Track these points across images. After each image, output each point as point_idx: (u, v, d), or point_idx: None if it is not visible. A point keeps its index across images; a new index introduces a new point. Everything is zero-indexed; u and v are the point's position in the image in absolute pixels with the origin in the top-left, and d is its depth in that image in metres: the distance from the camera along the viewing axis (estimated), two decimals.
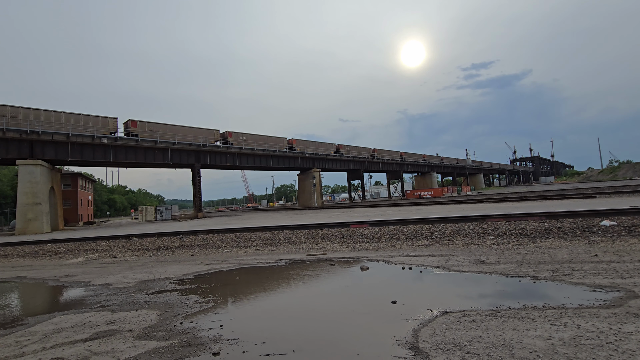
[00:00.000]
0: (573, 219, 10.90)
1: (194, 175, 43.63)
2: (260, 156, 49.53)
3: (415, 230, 11.36)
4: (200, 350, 3.32)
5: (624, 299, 3.86)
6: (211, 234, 16.07)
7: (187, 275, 7.28)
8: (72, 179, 53.71)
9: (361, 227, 13.98)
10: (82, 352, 3.49)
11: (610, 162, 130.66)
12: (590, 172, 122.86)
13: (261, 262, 8.27)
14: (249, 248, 10.92)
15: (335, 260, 7.83)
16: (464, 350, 2.90)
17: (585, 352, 2.70)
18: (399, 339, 3.27)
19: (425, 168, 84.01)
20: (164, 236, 16.93)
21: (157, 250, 12.01)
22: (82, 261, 10.91)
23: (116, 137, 35.58)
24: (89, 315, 4.77)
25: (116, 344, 3.62)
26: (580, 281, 4.70)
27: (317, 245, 10.41)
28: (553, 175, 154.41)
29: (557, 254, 6.54)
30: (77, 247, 14.78)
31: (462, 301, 4.29)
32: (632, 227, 8.60)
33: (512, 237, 8.95)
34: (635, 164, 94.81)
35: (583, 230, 8.80)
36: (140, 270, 8.20)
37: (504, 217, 12.49)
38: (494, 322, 3.48)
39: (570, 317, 3.46)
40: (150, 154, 39.08)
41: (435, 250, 8.07)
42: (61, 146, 32.92)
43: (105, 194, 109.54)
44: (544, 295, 4.31)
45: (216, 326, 3.99)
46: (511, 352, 2.79)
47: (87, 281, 7.43)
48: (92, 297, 5.90)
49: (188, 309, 4.76)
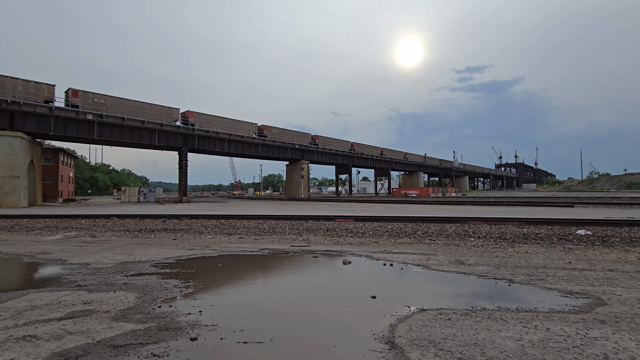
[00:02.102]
0: (551, 226, 11.24)
1: (181, 159, 42.93)
2: (249, 144, 49.01)
3: (399, 228, 11.52)
4: (178, 335, 3.31)
5: (593, 306, 4.02)
6: (195, 219, 15.92)
7: (168, 259, 7.21)
8: (54, 153, 52.09)
9: (346, 221, 14.08)
10: (56, 330, 3.43)
11: (590, 173, 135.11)
12: (571, 181, 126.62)
13: (244, 250, 8.25)
14: (232, 235, 10.87)
15: (318, 252, 7.88)
16: (437, 347, 2.98)
17: (552, 355, 2.81)
18: (376, 333, 3.33)
19: (413, 167, 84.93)
20: (147, 218, 16.67)
21: (138, 232, 11.83)
22: (60, 239, 10.66)
23: (102, 114, 34.52)
24: (65, 294, 4.68)
25: (92, 325, 3.58)
26: (552, 286, 4.87)
27: (301, 236, 10.45)
28: (535, 183, 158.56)
29: (533, 259, 6.75)
30: (56, 224, 14.42)
31: (440, 299, 4.40)
32: (605, 238, 8.94)
33: (491, 240, 9.18)
34: (613, 177, 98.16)
35: (559, 238, 9.10)
36: (120, 252, 8.07)
37: (485, 220, 12.79)
38: (468, 321, 3.58)
39: (540, 320, 3.59)
40: (136, 134, 38.18)
41: (417, 248, 8.21)
42: (43, 119, 31.78)
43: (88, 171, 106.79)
44: (518, 298, 4.45)
45: (195, 312, 3.98)
46: (483, 351, 2.88)
47: (64, 259, 7.27)
48: (69, 276, 5.79)
49: (167, 293, 4.73)
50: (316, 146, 58.13)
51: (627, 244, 8.28)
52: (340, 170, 69.34)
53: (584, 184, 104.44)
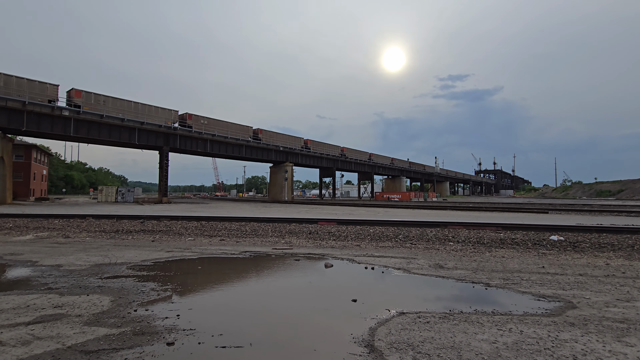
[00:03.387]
0: (526, 232, 11.62)
1: (162, 159, 41.99)
2: (233, 145, 48.47)
3: (381, 232, 11.63)
4: (154, 340, 3.22)
5: (563, 309, 4.18)
6: (175, 221, 15.57)
7: (145, 261, 7.02)
8: (26, 150, 49.97)
9: (329, 224, 14.11)
10: (23, 336, 3.27)
11: (564, 181, 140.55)
12: (546, 189, 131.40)
13: (225, 253, 8.13)
14: (213, 238, 10.70)
15: (300, 255, 7.85)
16: (416, 350, 3.03)
17: (524, 357, 2.90)
18: (355, 336, 3.35)
19: (396, 172, 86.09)
20: (124, 219, 16.19)
21: (115, 234, 11.47)
22: (31, 239, 10.20)
23: (79, 110, 33.37)
24: (34, 297, 4.48)
25: (62, 329, 3.43)
26: (527, 290, 5.03)
27: (283, 239, 10.39)
28: (512, 189, 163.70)
29: (509, 264, 6.95)
30: (26, 224, 13.80)
31: (419, 303, 4.47)
32: (576, 243, 9.32)
33: (470, 244, 9.40)
34: (585, 185, 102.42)
35: (534, 243, 9.41)
36: (95, 253, 7.80)
37: (464, 225, 13.09)
38: (446, 324, 3.65)
39: (515, 323, 3.70)
40: (115, 132, 37.12)
41: (398, 252, 8.32)
42: (15, 114, 30.44)
43: (63, 169, 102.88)
44: (494, 301, 4.57)
45: (173, 315, 3.89)
46: (459, 354, 2.94)
47: (34, 261, 6.96)
48: (39, 278, 5.54)
49: (144, 297, 4.60)
50: (301, 150, 58.17)
51: (596, 249, 8.65)
52: (325, 173, 69.51)
53: (558, 191, 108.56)
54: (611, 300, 4.54)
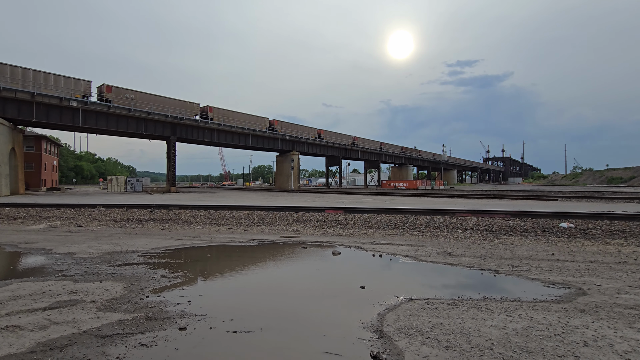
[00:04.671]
0: (535, 219, 11.51)
1: (169, 148, 42.22)
2: (239, 134, 48.49)
3: (388, 220, 11.63)
4: (167, 325, 3.29)
5: (574, 296, 4.15)
6: (184, 209, 15.75)
7: (156, 249, 7.13)
8: (36, 141, 50.63)
9: (336, 212, 14.14)
10: (40, 320, 3.37)
11: (574, 168, 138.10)
12: (555, 176, 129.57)
13: (233, 241, 8.22)
14: (222, 226, 10.81)
15: (308, 243, 7.90)
16: (425, 335, 3.04)
17: (534, 342, 2.90)
18: (364, 322, 3.37)
19: (403, 160, 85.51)
20: (134, 208, 16.42)
21: (125, 222, 11.66)
22: (44, 228, 10.42)
23: (87, 101, 33.54)
24: (50, 284, 4.60)
25: (77, 315, 3.52)
26: (536, 277, 5.00)
27: (291, 227, 10.45)
28: (521, 177, 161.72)
29: (518, 251, 6.91)
30: (39, 213, 14.08)
31: (427, 290, 4.48)
32: (587, 230, 9.21)
33: (478, 232, 9.36)
34: (596, 172, 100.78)
35: (543, 230, 9.33)
36: (106, 241, 7.94)
37: (472, 213, 13.01)
38: (455, 310, 3.66)
39: (524, 309, 3.69)
40: (123, 122, 37.31)
41: (405, 240, 8.31)
42: (25, 105, 30.73)
43: (72, 160, 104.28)
44: (503, 288, 4.56)
45: (184, 301, 3.95)
46: (468, 339, 2.95)
47: (48, 249, 7.12)
48: (54, 266, 5.67)
49: (155, 283, 4.68)
50: (307, 138, 58.08)
51: (608, 236, 8.55)
52: (331, 162, 69.37)
53: (567, 179, 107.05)
54: (622, 287, 4.49)
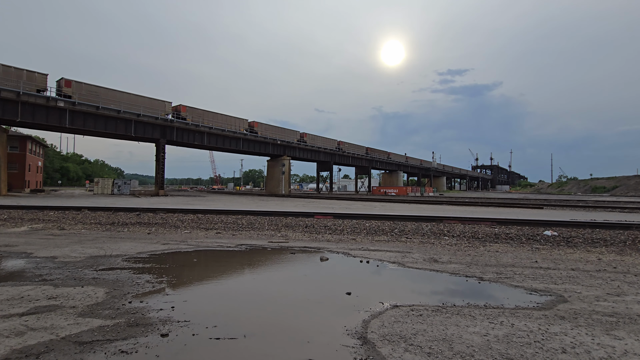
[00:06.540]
0: (520, 227, 11.71)
1: (158, 151, 41.72)
2: (230, 138, 48.24)
3: (377, 226, 11.68)
4: (148, 331, 3.24)
5: (555, 303, 4.23)
6: (171, 213, 15.55)
7: (141, 253, 7.02)
8: (21, 141, 49.44)
9: (325, 218, 14.14)
10: (17, 326, 3.28)
11: (560, 177, 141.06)
12: (541, 184, 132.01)
13: (221, 246, 8.15)
14: (209, 230, 10.70)
15: (296, 249, 7.88)
16: (408, 342, 3.06)
17: (515, 349, 2.94)
18: (349, 328, 3.38)
19: (393, 166, 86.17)
20: (120, 211, 16.15)
21: (111, 226, 11.44)
22: (26, 231, 10.16)
23: (75, 101, 32.99)
24: (29, 289, 4.48)
25: (56, 320, 3.44)
26: (519, 284, 5.09)
27: (280, 233, 10.41)
28: (508, 185, 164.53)
29: (503, 258, 7.02)
30: (21, 216, 13.73)
31: (413, 296, 4.51)
32: (570, 238, 9.41)
33: (465, 239, 9.47)
34: (580, 181, 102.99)
35: (528, 238, 9.50)
36: (90, 245, 7.78)
37: (459, 220, 13.17)
38: (438, 317, 3.69)
39: (506, 316, 3.74)
40: (111, 124, 36.77)
41: (393, 246, 8.36)
42: (9, 104, 30.06)
43: (58, 161, 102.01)
44: (487, 295, 4.62)
45: (167, 307, 3.90)
46: (451, 346, 2.98)
47: (29, 252, 6.94)
48: (34, 270, 5.53)
49: (139, 288, 4.60)
50: (298, 143, 57.98)
51: (589, 244, 8.75)
52: (322, 167, 69.45)
53: (553, 187, 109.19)
54: (601, 294, 4.60)
